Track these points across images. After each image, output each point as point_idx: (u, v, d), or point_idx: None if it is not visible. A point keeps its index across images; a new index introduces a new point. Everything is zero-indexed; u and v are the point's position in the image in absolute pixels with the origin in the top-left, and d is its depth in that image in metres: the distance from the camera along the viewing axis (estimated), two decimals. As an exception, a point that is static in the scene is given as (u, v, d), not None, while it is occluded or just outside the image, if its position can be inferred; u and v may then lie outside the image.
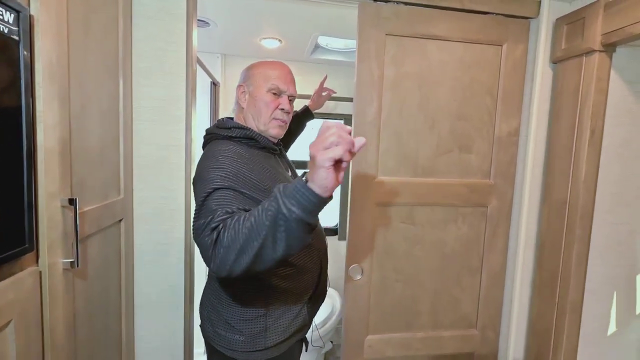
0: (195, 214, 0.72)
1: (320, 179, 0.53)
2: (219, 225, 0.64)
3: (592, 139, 1.13)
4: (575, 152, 1.16)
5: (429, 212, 1.27)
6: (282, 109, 0.89)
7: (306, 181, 0.56)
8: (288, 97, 0.91)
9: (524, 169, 1.28)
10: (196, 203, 0.73)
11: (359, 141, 0.55)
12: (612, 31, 1.05)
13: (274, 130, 0.90)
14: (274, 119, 0.89)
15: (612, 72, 1.13)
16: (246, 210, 0.67)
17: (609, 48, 1.10)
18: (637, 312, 1.28)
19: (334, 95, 1.53)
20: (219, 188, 0.71)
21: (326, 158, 0.52)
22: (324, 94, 1.49)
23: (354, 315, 1.28)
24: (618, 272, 1.23)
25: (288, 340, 0.89)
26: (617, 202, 1.20)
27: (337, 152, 0.52)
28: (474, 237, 1.31)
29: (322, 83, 1.47)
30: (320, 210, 0.58)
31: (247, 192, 0.74)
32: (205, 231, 0.65)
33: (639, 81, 1.16)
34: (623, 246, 1.22)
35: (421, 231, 1.28)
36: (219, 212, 0.66)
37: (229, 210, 0.67)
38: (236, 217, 0.63)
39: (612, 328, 1.26)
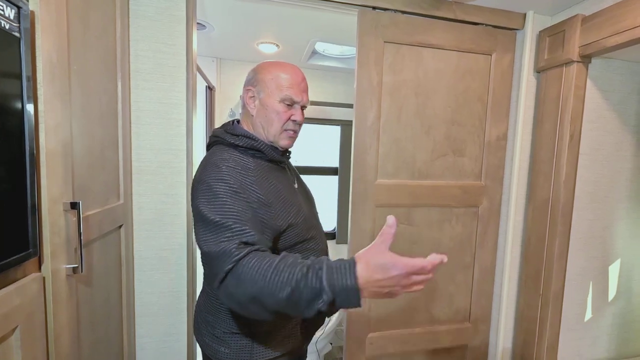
0: (201, 223, 0.69)
1: (373, 296, 0.56)
2: (243, 252, 0.62)
3: (571, 142, 1.23)
4: (556, 154, 1.25)
5: (426, 213, 1.33)
6: (294, 121, 0.83)
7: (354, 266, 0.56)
8: (301, 107, 0.84)
9: (511, 171, 1.37)
10: (196, 208, 0.70)
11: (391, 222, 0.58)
12: (588, 43, 1.15)
13: (284, 142, 0.84)
14: (285, 130, 0.82)
15: (588, 81, 1.24)
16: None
17: (586, 59, 1.21)
18: (609, 300, 1.41)
19: (329, 100, 1.53)
20: (230, 204, 0.69)
21: (401, 292, 0.56)
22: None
23: (356, 314, 1.32)
24: (593, 264, 1.36)
25: (277, 359, 0.83)
26: (592, 200, 1.32)
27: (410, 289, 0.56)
28: (466, 236, 1.39)
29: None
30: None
31: (254, 206, 0.72)
32: (228, 246, 0.63)
33: (610, 90, 1.28)
34: (598, 240, 1.35)
35: (418, 231, 1.33)
36: (237, 234, 0.65)
37: (249, 238, 0.66)
38: (267, 260, 0.60)
39: (588, 314, 1.38)
